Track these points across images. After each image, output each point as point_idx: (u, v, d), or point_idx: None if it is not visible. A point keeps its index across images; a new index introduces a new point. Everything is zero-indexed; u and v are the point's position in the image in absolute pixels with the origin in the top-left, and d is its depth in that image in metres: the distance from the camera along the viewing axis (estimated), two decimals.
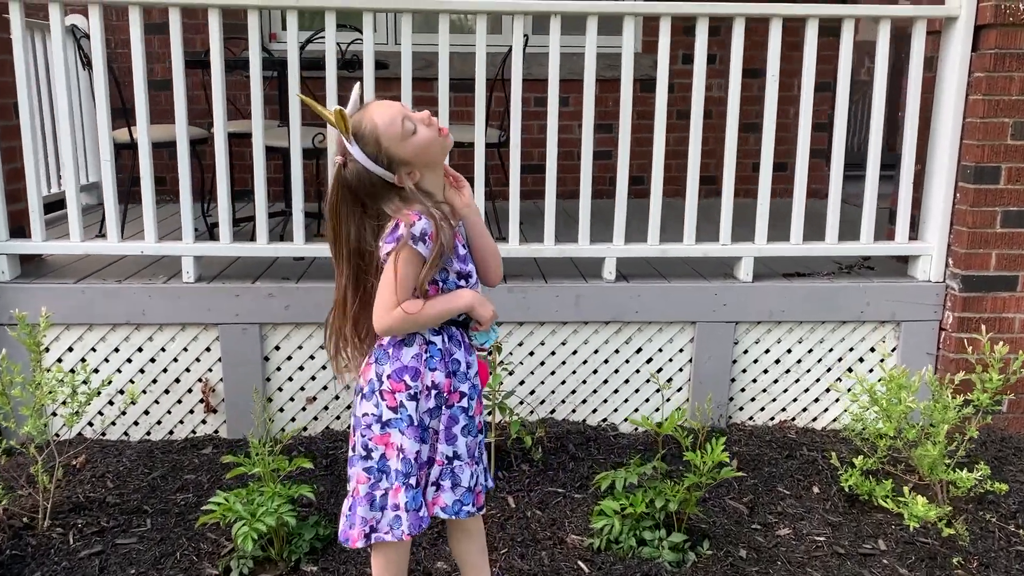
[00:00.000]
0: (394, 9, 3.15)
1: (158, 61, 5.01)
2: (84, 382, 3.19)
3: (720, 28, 5.16)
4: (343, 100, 4.04)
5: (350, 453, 1.98)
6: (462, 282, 1.92)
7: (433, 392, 1.90)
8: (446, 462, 1.94)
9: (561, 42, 3.12)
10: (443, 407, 1.93)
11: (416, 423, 1.89)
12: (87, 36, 3.71)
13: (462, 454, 1.95)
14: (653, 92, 3.20)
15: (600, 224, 3.28)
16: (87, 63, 3.77)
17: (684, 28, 4.36)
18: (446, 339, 1.92)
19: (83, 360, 3.22)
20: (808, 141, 3.27)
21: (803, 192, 3.29)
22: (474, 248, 1.97)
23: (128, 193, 3.99)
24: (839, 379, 3.43)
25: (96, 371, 3.23)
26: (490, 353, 2.69)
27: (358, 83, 1.93)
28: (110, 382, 3.24)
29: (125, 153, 3.83)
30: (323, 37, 3.11)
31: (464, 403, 1.94)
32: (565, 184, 3.82)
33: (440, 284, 1.89)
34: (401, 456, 1.89)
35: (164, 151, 3.84)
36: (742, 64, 3.20)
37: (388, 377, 1.88)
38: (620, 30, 3.08)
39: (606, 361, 3.34)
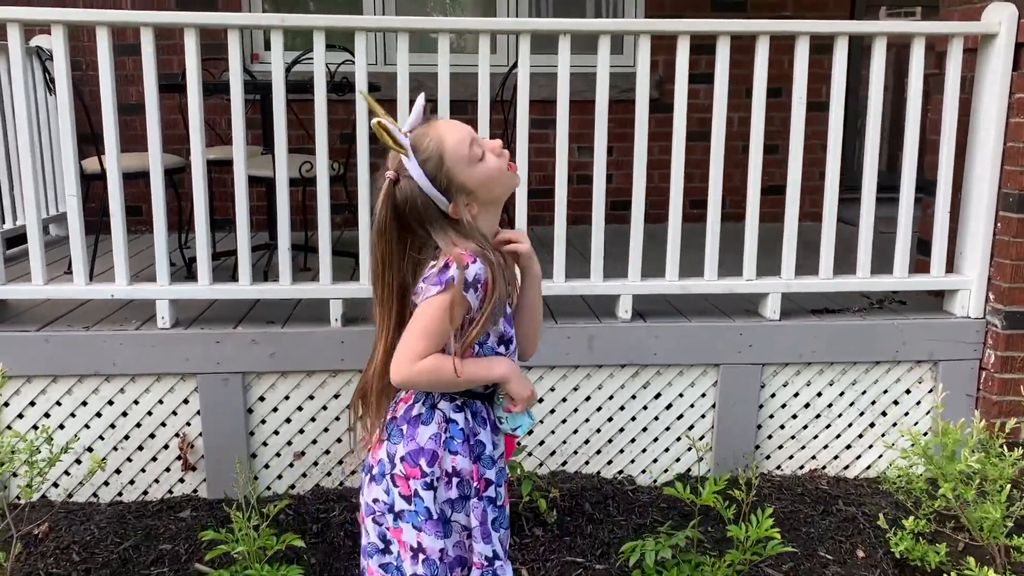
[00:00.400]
0: (389, 28, 2.89)
1: (132, 84, 4.73)
2: (48, 439, 2.90)
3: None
4: (336, 123, 3.78)
5: (363, 540, 1.71)
6: (501, 348, 1.66)
7: (455, 480, 1.62)
8: (486, 564, 1.65)
9: (551, 60, 2.87)
10: (471, 497, 1.65)
11: (436, 516, 1.61)
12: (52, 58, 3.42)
13: (499, 552, 1.67)
14: (659, 113, 2.95)
15: (609, 256, 3.02)
16: (54, 87, 3.47)
17: (693, 47, 4.14)
18: (469, 417, 1.65)
19: (47, 415, 2.91)
20: (838, 165, 3.01)
21: (833, 221, 3.04)
22: (521, 310, 1.71)
23: (100, 224, 3.69)
24: (872, 424, 3.17)
25: (61, 427, 2.93)
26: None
27: (421, 95, 1.66)
28: (77, 439, 2.93)
29: (98, 183, 3.54)
30: (311, 58, 2.84)
31: (492, 492, 1.66)
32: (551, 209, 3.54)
33: (476, 347, 1.63)
34: (423, 557, 1.60)
35: (141, 180, 3.56)
36: (766, 83, 2.96)
37: (401, 460, 1.61)
38: (620, 49, 2.84)
39: (622, 408, 3.07)
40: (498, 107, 3.78)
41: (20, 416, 2.90)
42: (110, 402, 2.92)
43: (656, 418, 3.09)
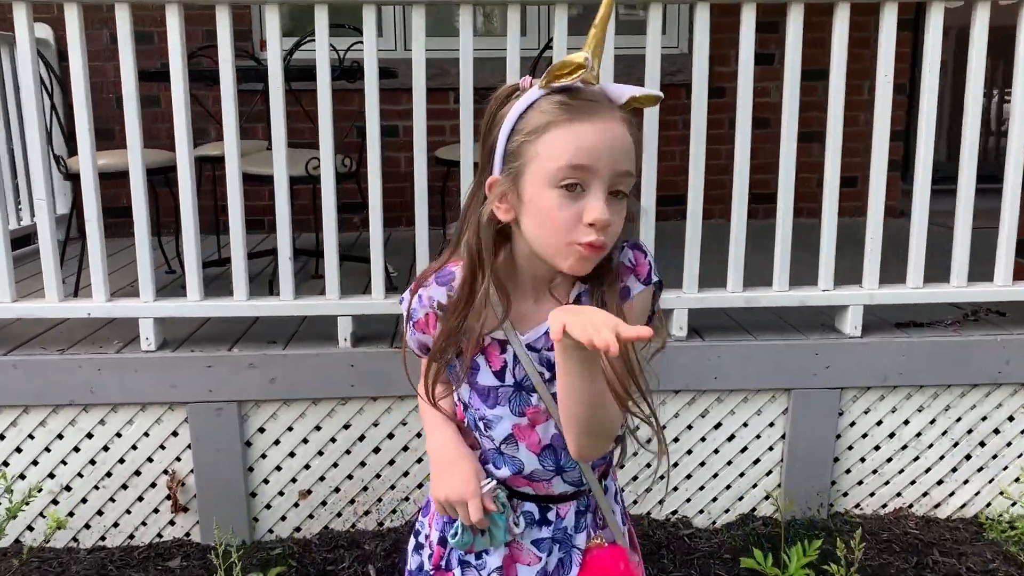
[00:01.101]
0: (404, 1, 2.48)
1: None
2: (21, 476, 2.56)
3: (779, 24, 4.47)
4: (348, 115, 3.38)
5: None
6: (481, 426, 1.29)
7: (423, 551, 1.40)
8: None
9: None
10: None
11: None
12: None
13: None
14: (709, 99, 2.51)
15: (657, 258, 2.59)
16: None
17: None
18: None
19: (18, 450, 2.55)
20: (931, 153, 2.56)
21: (923, 218, 2.58)
22: (562, 402, 1.19)
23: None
24: (968, 456, 2.72)
25: (35, 463, 2.57)
26: None
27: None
28: (52, 476, 2.58)
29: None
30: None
31: None
32: None
33: (464, 409, 1.30)
34: None
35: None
36: (846, 60, 2.51)
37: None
38: (663, 28, 2.40)
39: (676, 439, 2.65)
40: None
41: None
42: (89, 435, 2.55)
43: (716, 451, 2.67)
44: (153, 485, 2.60)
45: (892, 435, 2.69)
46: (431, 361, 1.29)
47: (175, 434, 2.57)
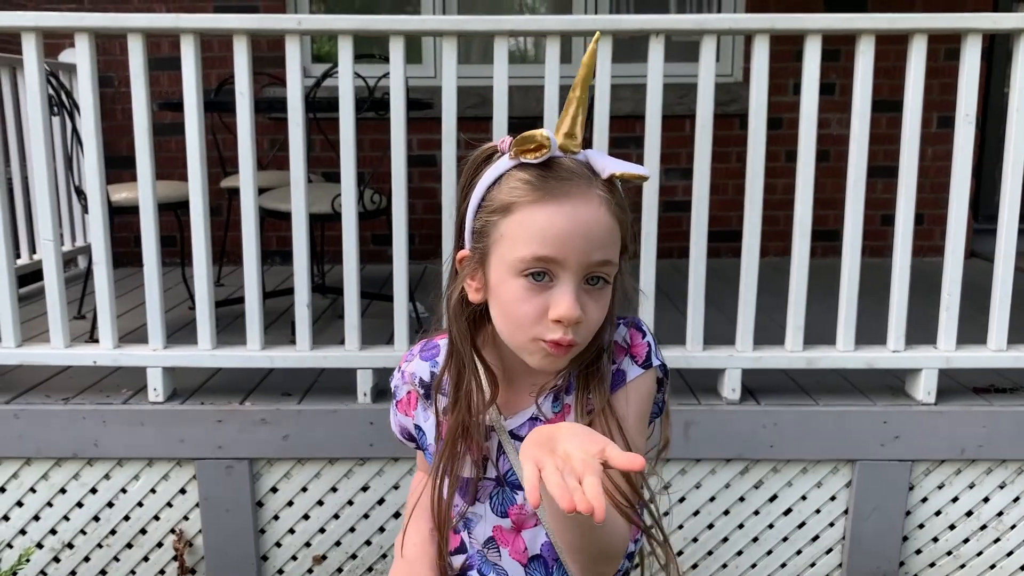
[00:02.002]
0: (432, 31, 2.30)
1: (164, 98, 4.28)
2: (22, 532, 2.41)
3: (840, 52, 4.22)
4: (381, 145, 3.21)
5: None
6: (462, 525, 1.12)
7: None
8: None
9: (626, 71, 2.22)
10: None
11: None
12: (53, 75, 2.96)
13: None
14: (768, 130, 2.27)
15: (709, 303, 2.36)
16: (59, 107, 3.01)
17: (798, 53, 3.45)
18: None
19: (19, 504, 2.40)
20: (1016, 193, 2.29)
21: (1009, 270, 2.30)
22: (560, 539, 1.04)
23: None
24: None
25: (37, 518, 2.41)
26: None
27: None
28: (54, 532, 2.43)
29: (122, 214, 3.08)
30: (356, 72, 2.27)
31: None
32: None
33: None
34: None
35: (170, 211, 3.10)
36: (922, 92, 2.26)
37: None
38: (715, 55, 2.17)
39: (726, 512, 2.40)
40: None
41: None
42: (93, 490, 2.39)
43: (771, 526, 2.41)
44: (159, 545, 2.43)
45: (970, 513, 2.41)
46: (440, 474, 1.09)
47: (183, 491, 2.39)
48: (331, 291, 3.44)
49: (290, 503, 2.40)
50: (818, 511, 2.40)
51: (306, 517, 2.41)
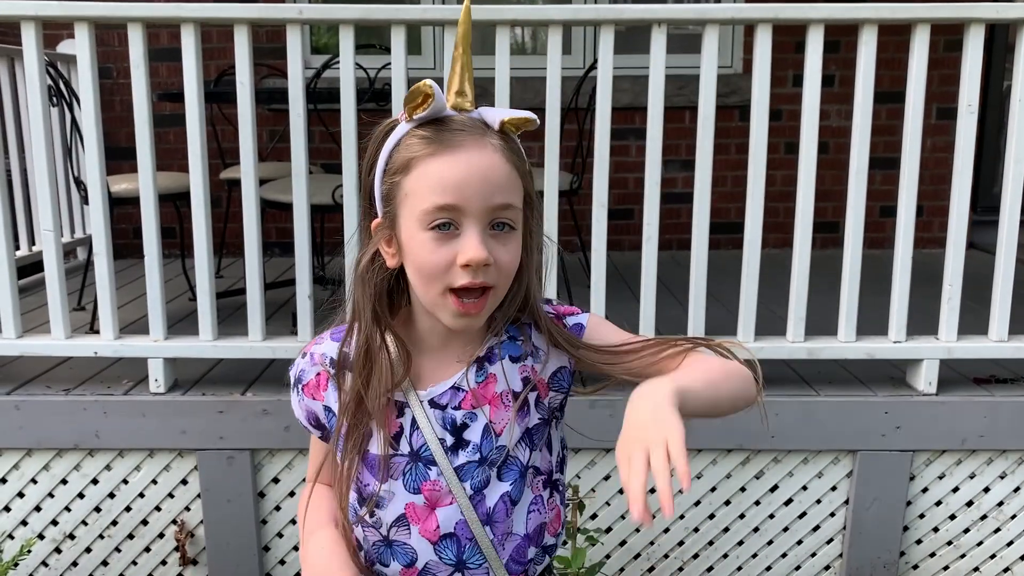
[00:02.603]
0: (434, 21, 2.29)
1: (163, 89, 4.27)
2: (23, 523, 2.41)
3: (839, 44, 4.22)
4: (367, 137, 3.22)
5: None
6: (368, 510, 1.10)
7: None
8: None
9: (625, 63, 2.22)
10: None
11: None
12: (53, 65, 2.95)
13: None
14: (749, 121, 2.27)
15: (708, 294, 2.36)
16: (58, 98, 3.00)
17: (800, 45, 3.45)
18: None
19: (20, 495, 2.40)
20: (1018, 185, 2.29)
21: (1011, 260, 2.30)
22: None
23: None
24: None
25: (38, 509, 2.41)
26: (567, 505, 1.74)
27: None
28: (56, 523, 2.43)
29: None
30: (358, 62, 2.27)
31: None
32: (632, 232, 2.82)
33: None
34: None
35: (170, 202, 3.09)
36: (924, 84, 2.26)
37: None
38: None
39: (727, 503, 2.40)
40: (571, 116, 3.16)
41: None
42: (94, 481, 2.39)
43: (771, 516, 2.42)
44: (161, 536, 2.44)
45: (970, 503, 2.41)
46: (345, 450, 1.09)
47: (184, 482, 2.39)
48: (331, 282, 3.44)
49: (291, 493, 2.40)
50: (819, 501, 2.40)
51: None
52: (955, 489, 2.41)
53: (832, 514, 2.41)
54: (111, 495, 2.40)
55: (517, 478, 1.08)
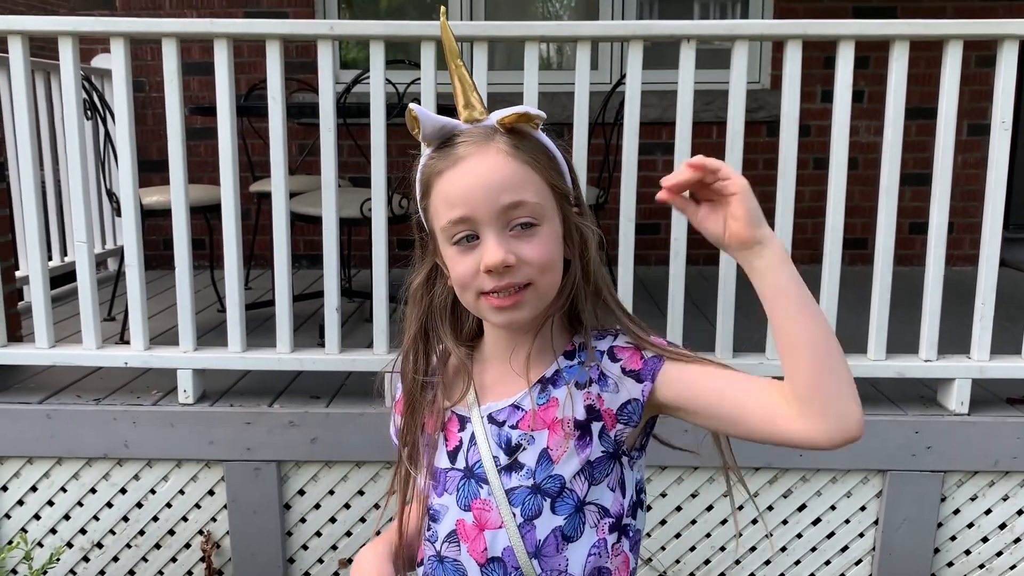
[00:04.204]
0: (463, 37, 2.31)
1: (194, 103, 4.32)
2: (52, 531, 2.43)
3: (869, 59, 4.19)
4: (401, 150, 3.26)
5: None
6: (428, 523, 1.12)
7: None
8: None
9: (652, 77, 2.21)
10: None
11: None
12: (88, 79, 2.99)
13: None
14: (776, 137, 2.26)
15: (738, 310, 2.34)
16: (92, 111, 3.05)
17: (828, 60, 3.44)
18: None
19: (50, 503, 2.43)
20: None
21: None
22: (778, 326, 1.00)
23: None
24: None
25: (67, 517, 2.44)
26: None
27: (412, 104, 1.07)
28: (84, 532, 2.45)
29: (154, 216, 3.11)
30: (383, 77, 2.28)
31: None
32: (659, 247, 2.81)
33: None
34: None
35: (201, 214, 3.13)
36: (957, 100, 2.24)
37: None
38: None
39: (754, 522, 2.38)
40: (597, 131, 3.16)
41: (20, 503, 2.43)
42: (123, 490, 2.42)
43: (799, 535, 2.39)
44: (187, 546, 2.45)
45: (1003, 526, 2.37)
46: (401, 460, 1.15)
47: (211, 493, 2.41)
48: (358, 295, 3.46)
49: (317, 506, 2.41)
50: (847, 521, 2.37)
51: (333, 520, 2.42)
52: (988, 511, 2.37)
53: (861, 535, 2.38)
54: (139, 505, 2.42)
55: (571, 512, 1.03)
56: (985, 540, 2.39)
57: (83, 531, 2.44)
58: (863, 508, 2.36)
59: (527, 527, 1.02)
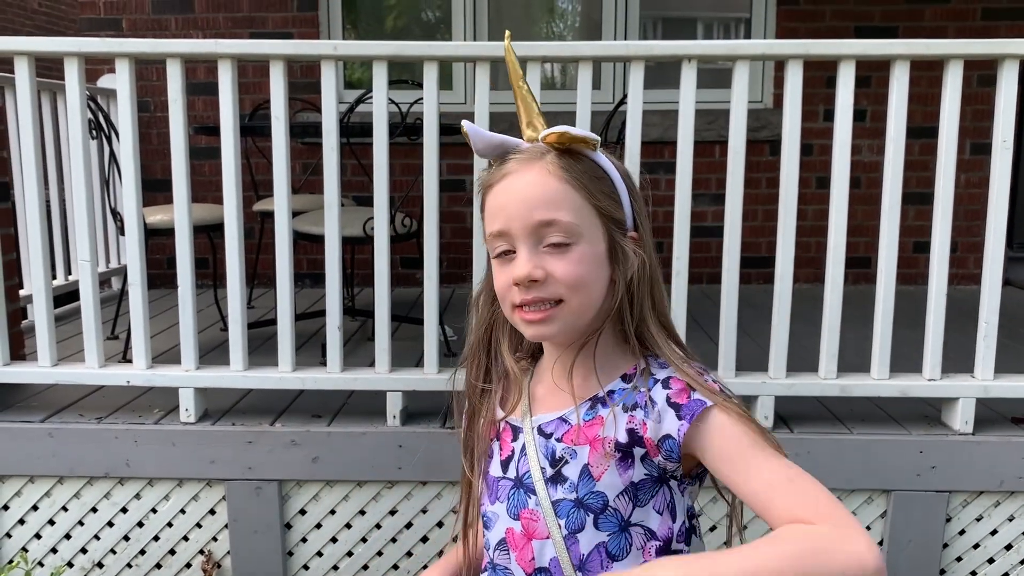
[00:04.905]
0: (465, 57, 2.32)
1: (199, 123, 4.35)
2: (52, 551, 2.42)
3: (870, 79, 4.21)
4: (410, 168, 3.27)
5: None
6: (485, 532, 1.15)
7: None
8: None
9: (654, 97, 2.22)
10: None
11: None
12: (93, 99, 3.01)
13: None
14: (779, 156, 2.26)
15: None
16: (96, 131, 3.06)
17: (830, 80, 3.44)
18: None
19: (51, 522, 2.42)
20: None
21: None
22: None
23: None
24: None
25: (68, 536, 2.43)
26: None
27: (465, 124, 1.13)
28: (85, 551, 2.44)
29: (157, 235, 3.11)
30: (388, 97, 2.30)
31: None
32: (661, 266, 2.82)
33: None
34: None
35: (203, 233, 3.13)
36: (958, 119, 2.24)
37: None
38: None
39: None
40: None
41: (21, 522, 2.42)
42: (124, 509, 2.41)
43: None
44: (188, 566, 2.44)
45: (1009, 547, 2.36)
46: (465, 467, 1.19)
47: (212, 512, 2.40)
48: (360, 314, 3.46)
49: (318, 525, 2.40)
50: None
51: (334, 540, 2.41)
52: (993, 532, 2.35)
53: None
54: (140, 524, 2.42)
55: (616, 531, 1.04)
56: (991, 561, 2.37)
57: (84, 550, 2.43)
58: (868, 528, 2.35)
59: (571, 540, 1.04)
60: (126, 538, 2.43)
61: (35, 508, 2.41)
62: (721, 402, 1.01)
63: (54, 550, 2.43)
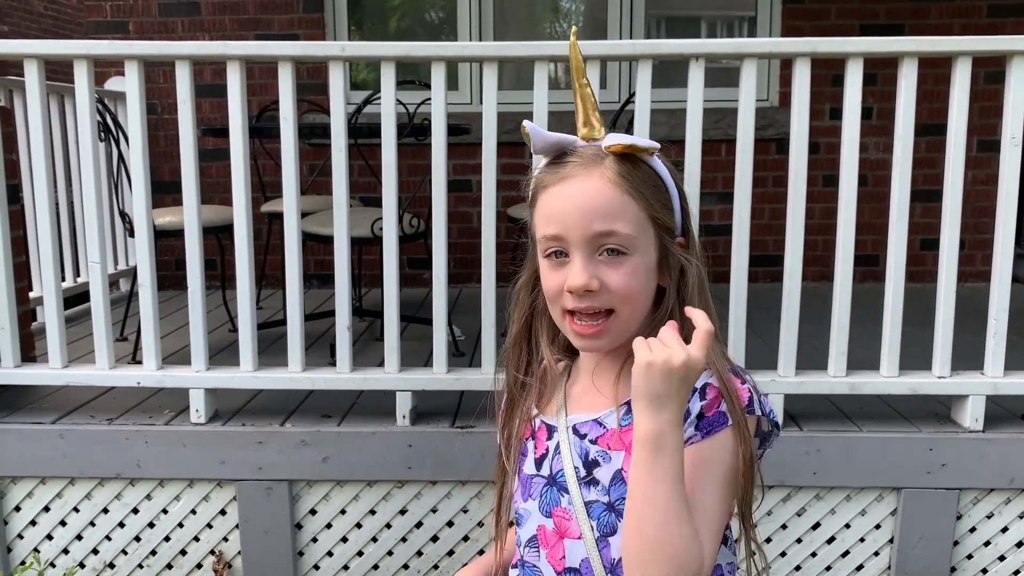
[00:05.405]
0: (472, 57, 2.32)
1: (206, 125, 4.35)
2: (64, 551, 2.43)
3: (877, 76, 4.20)
4: (417, 169, 3.27)
5: None
6: (517, 529, 1.15)
7: None
8: None
9: (661, 96, 2.22)
10: None
11: None
12: (101, 101, 3.03)
13: None
14: (785, 154, 2.26)
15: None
16: (105, 133, 3.07)
17: (836, 77, 3.45)
18: None
19: (63, 523, 2.43)
20: None
21: None
22: (629, 507, 0.99)
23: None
24: None
25: (79, 537, 2.44)
26: None
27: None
28: (96, 552, 2.45)
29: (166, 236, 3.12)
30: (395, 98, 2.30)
31: None
32: None
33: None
34: None
35: (211, 235, 3.14)
36: (965, 116, 2.24)
37: None
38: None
39: (768, 540, 2.36)
40: None
41: (33, 523, 2.43)
42: (135, 510, 2.42)
43: (813, 554, 2.37)
44: (199, 566, 2.45)
45: (1020, 544, 2.35)
46: (500, 462, 1.18)
47: (223, 512, 2.41)
48: (368, 314, 3.47)
49: (328, 525, 2.41)
50: (862, 540, 2.36)
51: (344, 540, 2.41)
52: (1004, 529, 2.35)
53: (876, 553, 2.36)
54: (151, 524, 2.42)
55: None
56: (1002, 559, 2.37)
57: (95, 551, 2.44)
58: (878, 526, 2.35)
59: (603, 543, 1.04)
60: (137, 539, 2.44)
61: (47, 509, 2.42)
62: (737, 422, 1.01)
63: (66, 551, 2.44)
